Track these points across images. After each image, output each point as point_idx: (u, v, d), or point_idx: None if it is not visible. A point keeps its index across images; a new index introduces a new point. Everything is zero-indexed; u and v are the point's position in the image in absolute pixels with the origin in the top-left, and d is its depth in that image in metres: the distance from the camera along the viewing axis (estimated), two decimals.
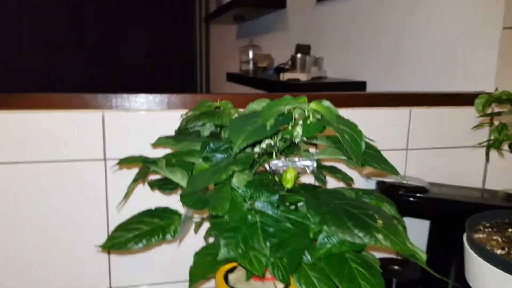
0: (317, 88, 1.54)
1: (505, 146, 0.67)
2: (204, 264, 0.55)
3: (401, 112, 0.95)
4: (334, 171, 0.59)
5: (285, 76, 1.63)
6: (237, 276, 0.62)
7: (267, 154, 0.55)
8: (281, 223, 0.54)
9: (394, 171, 0.50)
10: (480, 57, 1.03)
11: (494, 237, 0.65)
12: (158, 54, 3.98)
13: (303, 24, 2.09)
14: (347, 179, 0.59)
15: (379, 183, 0.93)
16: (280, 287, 0.59)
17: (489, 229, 0.68)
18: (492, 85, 1.00)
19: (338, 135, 0.44)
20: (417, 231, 0.96)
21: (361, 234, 0.46)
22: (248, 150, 0.53)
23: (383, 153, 0.64)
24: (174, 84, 4.06)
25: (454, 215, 0.79)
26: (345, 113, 0.90)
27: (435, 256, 0.88)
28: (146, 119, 0.79)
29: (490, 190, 0.94)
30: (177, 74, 4.10)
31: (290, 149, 0.57)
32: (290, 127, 0.49)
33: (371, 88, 1.52)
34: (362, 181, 0.93)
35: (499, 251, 0.61)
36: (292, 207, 0.56)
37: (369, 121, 0.93)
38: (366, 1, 1.53)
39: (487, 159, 0.95)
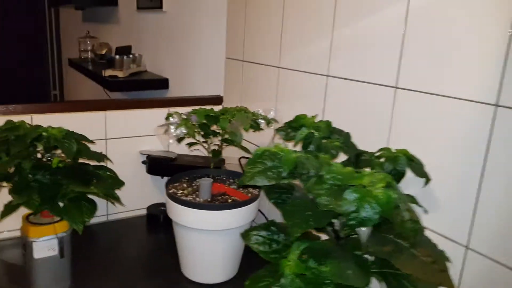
0: (128, 84, 2.05)
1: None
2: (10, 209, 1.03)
3: (97, 114, 1.43)
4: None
5: (107, 73, 2.08)
6: (33, 216, 1.11)
7: None
8: (54, 184, 1.05)
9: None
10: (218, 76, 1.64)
11: (184, 185, 1.25)
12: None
13: (129, 23, 2.53)
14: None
15: (148, 156, 1.49)
16: (57, 219, 1.10)
17: (185, 181, 1.28)
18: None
19: None
20: None
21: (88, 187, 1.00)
22: None
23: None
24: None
25: None
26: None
27: None
28: None
29: (207, 157, 1.56)
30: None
31: None
32: None
33: (172, 84, 2.07)
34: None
35: (181, 195, 1.19)
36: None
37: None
38: (176, 13, 2.04)
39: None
